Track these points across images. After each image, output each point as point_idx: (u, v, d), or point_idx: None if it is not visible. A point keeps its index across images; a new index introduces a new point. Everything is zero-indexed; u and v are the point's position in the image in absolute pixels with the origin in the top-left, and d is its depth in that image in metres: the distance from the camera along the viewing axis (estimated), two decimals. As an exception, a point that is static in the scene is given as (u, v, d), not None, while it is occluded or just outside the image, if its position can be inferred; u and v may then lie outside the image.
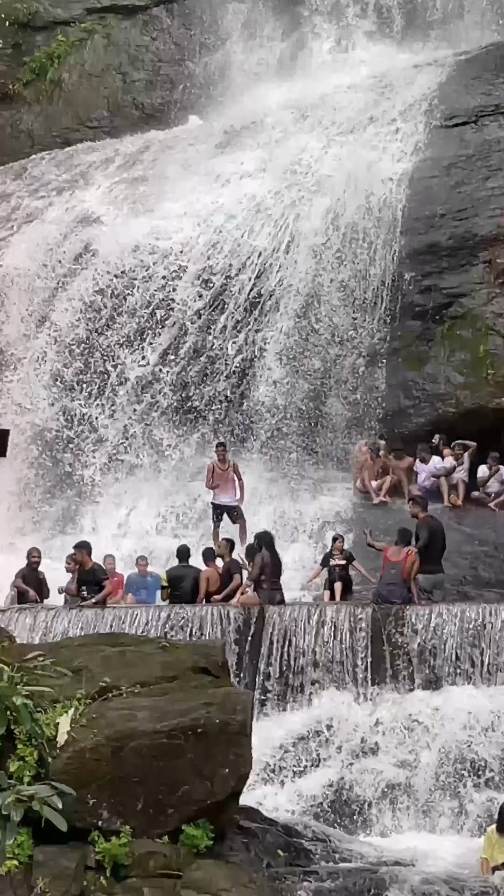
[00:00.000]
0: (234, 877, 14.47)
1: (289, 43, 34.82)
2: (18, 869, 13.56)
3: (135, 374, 26.90)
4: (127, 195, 29.50)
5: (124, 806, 14.44)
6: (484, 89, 28.74)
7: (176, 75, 35.86)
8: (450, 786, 17.88)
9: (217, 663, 16.81)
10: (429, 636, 19.62)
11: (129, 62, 36.19)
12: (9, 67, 35.72)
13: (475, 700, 18.67)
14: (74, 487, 26.43)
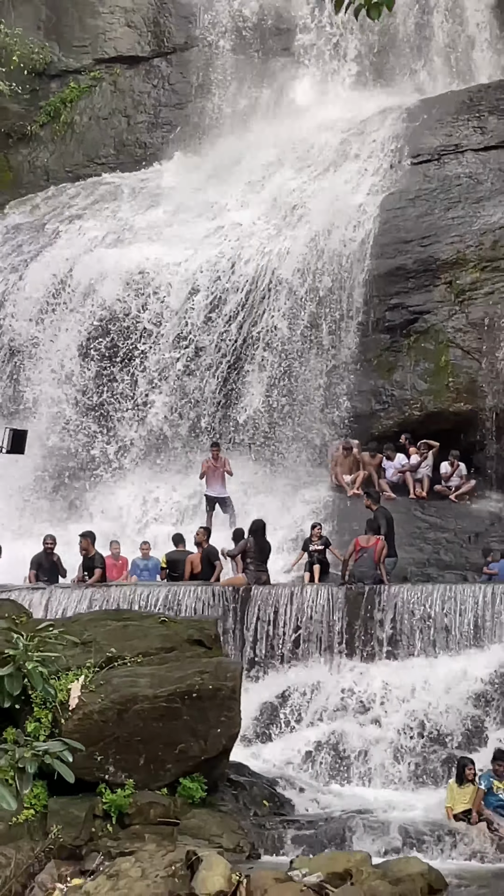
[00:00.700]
0: (225, 824, 14.53)
1: (273, 89, 34.76)
2: (35, 817, 13.62)
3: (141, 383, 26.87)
4: (129, 224, 29.43)
5: (128, 762, 14.53)
6: (445, 131, 28.78)
7: (174, 117, 35.80)
8: (415, 744, 17.91)
9: (210, 636, 16.88)
10: (396, 613, 19.67)
11: (133, 106, 36.14)
12: (27, 111, 35.66)
13: (436, 669, 18.73)
14: (85, 481, 26.38)
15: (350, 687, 18.82)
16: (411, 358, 25.76)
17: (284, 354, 26.34)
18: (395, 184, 27.68)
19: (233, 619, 20.02)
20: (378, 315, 26.00)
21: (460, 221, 26.39)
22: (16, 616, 15.44)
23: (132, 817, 14.13)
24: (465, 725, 17.90)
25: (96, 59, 36.55)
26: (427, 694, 18.34)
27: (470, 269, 25.85)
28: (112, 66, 36.53)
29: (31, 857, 13.05)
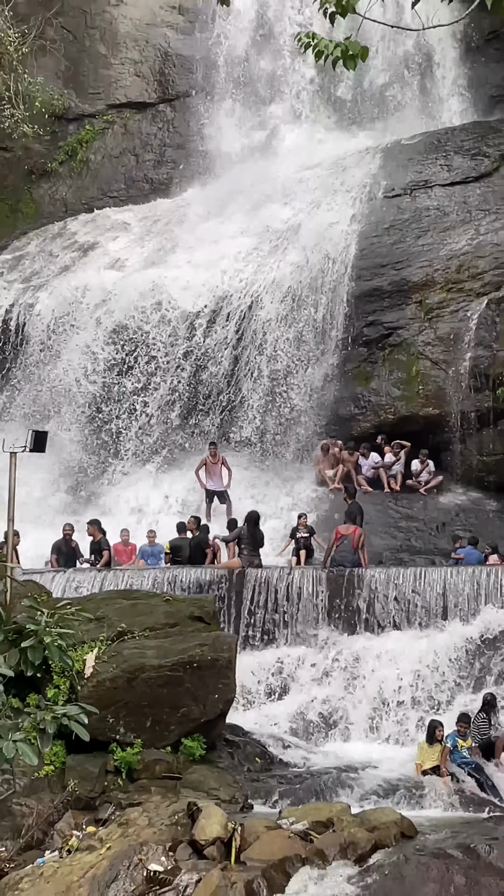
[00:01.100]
0: (222, 778, 14.58)
1: (265, 132, 34.79)
2: (54, 772, 13.68)
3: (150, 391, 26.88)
4: (133, 253, 29.41)
5: (136, 723, 14.59)
6: (416, 168, 28.76)
7: (177, 156, 35.76)
8: (389, 707, 17.96)
9: (209, 613, 16.96)
10: (372, 592, 19.71)
11: (141, 146, 36.12)
12: (48, 150, 35.65)
13: (408, 641, 18.77)
14: (100, 476, 26.37)
15: (332, 657, 18.87)
16: (386, 368, 25.76)
17: (276, 365, 26.34)
18: (372, 215, 27.65)
19: (229, 598, 20.06)
20: (357, 331, 26.02)
21: (429, 248, 26.40)
22: (38, 595, 15.45)
23: (140, 772, 14.19)
24: (434, 691, 17.96)
25: (109, 104, 36.55)
26: (400, 663, 18.38)
27: (437, 289, 25.86)
28: (122, 111, 36.53)
29: (50, 807, 13.08)
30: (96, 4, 36.92)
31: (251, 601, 20.05)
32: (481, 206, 27.12)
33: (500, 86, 33.83)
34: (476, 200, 27.34)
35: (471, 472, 25.08)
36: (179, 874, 11.24)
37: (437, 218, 27.10)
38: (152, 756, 14.41)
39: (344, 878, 10.70)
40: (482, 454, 24.92)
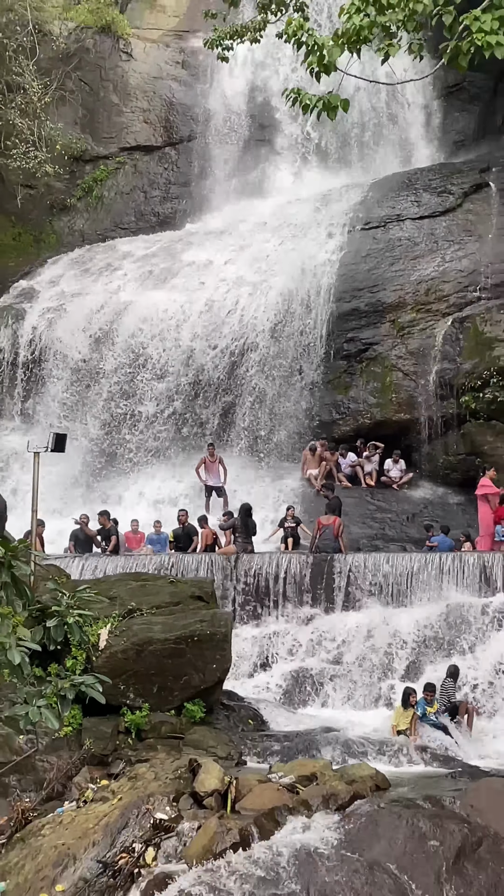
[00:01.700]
0: (219, 738, 14.61)
1: (257, 171, 34.89)
2: (72, 733, 13.68)
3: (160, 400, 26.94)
4: (145, 275, 29.45)
5: (144, 690, 14.61)
6: (389, 204, 28.84)
7: (181, 193, 35.85)
8: (366, 675, 18.00)
9: (208, 593, 16.99)
10: (351, 575, 19.75)
11: (149, 184, 36.18)
12: (67, 187, 35.70)
13: (381, 618, 18.82)
14: (114, 473, 26.41)
15: (315, 631, 18.91)
16: (363, 379, 25.84)
17: (267, 375, 26.37)
18: (351, 245, 27.71)
19: (225, 580, 20.09)
20: (337, 346, 26.10)
21: (401, 274, 26.47)
22: (59, 578, 15.45)
23: (147, 733, 14.21)
24: (406, 661, 18.00)
25: (121, 147, 36.60)
26: (376, 637, 18.43)
27: (408, 310, 25.93)
28: (133, 153, 36.59)
29: (69, 763, 13.08)
30: (110, 60, 36.96)
31: (244, 583, 20.11)
32: (447, 238, 27.19)
33: (462, 132, 33.99)
34: (442, 232, 27.40)
35: (437, 469, 25.15)
36: (182, 822, 11.27)
37: (408, 247, 27.16)
38: (158, 718, 14.44)
39: (326, 826, 10.73)
40: (447, 454, 25.00)
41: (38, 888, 10.62)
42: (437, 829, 10.40)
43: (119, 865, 10.68)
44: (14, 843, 11.49)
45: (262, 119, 35.74)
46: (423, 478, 25.15)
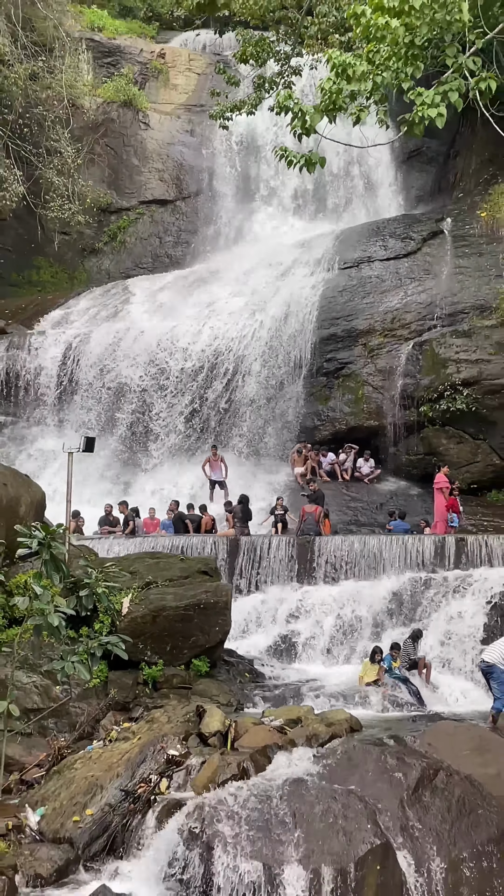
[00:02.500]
0: (220, 688, 14.66)
1: (251, 220, 35.02)
2: (99, 684, 13.73)
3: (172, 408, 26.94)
4: (158, 308, 29.47)
5: (159, 648, 14.63)
6: (362, 247, 28.88)
7: (189, 238, 35.92)
8: (342, 637, 18.00)
9: (212, 568, 17.02)
10: (329, 554, 19.79)
11: (163, 231, 36.25)
12: (96, 234, 35.78)
13: (355, 589, 18.86)
14: (135, 469, 26.40)
15: (300, 601, 18.92)
16: (340, 392, 25.85)
17: (261, 389, 26.41)
18: (330, 282, 27.73)
19: (227, 558, 20.11)
20: (318, 365, 26.09)
21: (371, 305, 26.49)
22: (89, 557, 15.49)
23: (162, 684, 14.24)
24: (373, 623, 18.02)
25: (140, 201, 36.67)
26: (350, 605, 18.43)
27: (377, 335, 25.93)
28: (150, 206, 36.65)
29: (97, 709, 13.10)
30: (131, 129, 37.02)
31: (241, 560, 20.13)
32: (409, 276, 27.22)
33: (421, 188, 34.11)
34: (405, 271, 27.43)
35: (400, 467, 25.19)
36: (190, 757, 11.28)
37: (377, 284, 27.18)
38: (170, 672, 14.48)
39: (309, 760, 10.75)
40: (409, 454, 25.04)
41: (71, 812, 10.64)
42: (400, 764, 10.42)
43: (138, 793, 10.70)
44: (52, 775, 11.52)
45: (255, 177, 35.85)
46: (389, 473, 25.17)
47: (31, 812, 10.72)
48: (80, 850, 10.23)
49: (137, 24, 41.68)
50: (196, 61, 39.03)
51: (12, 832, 10.34)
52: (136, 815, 10.49)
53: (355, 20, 12.43)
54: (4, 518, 14.22)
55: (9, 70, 32.30)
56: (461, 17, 12.04)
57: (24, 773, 11.79)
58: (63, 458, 17.73)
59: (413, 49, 12.22)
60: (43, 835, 10.45)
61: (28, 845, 10.21)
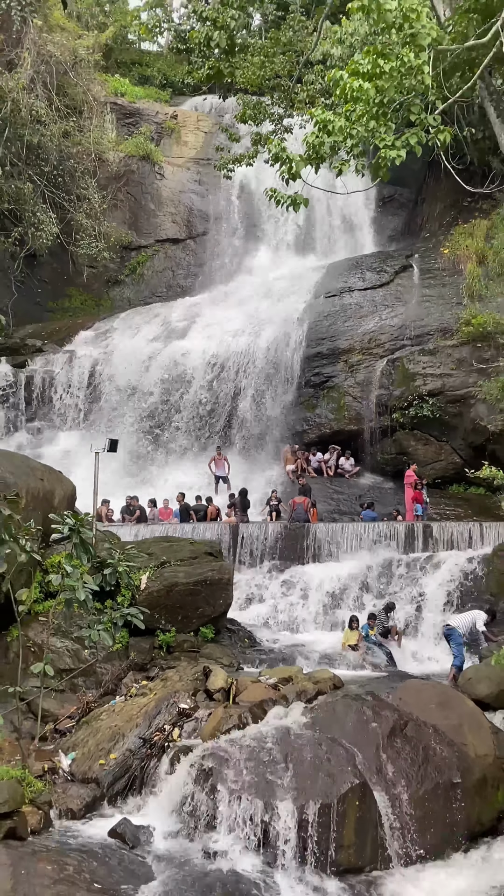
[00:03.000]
0: (224, 651, 14.66)
1: (249, 255, 34.93)
2: (121, 648, 13.69)
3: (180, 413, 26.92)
4: (170, 330, 29.45)
5: (172, 618, 14.63)
6: (343, 279, 28.87)
7: (198, 271, 35.88)
8: (326, 608, 18.02)
9: (217, 550, 16.99)
10: (316, 538, 19.80)
11: (175, 265, 36.20)
12: (118, 268, 35.70)
13: (337, 568, 18.89)
14: (150, 466, 26.37)
15: (291, 577, 18.93)
16: (325, 401, 25.82)
17: (259, 398, 26.40)
18: (317, 308, 27.70)
19: (229, 542, 20.11)
20: (307, 378, 26.05)
21: (351, 328, 26.47)
22: (112, 540, 15.48)
23: (174, 648, 14.22)
24: (353, 597, 18.04)
25: (156, 240, 36.59)
26: (333, 581, 18.45)
27: (356, 353, 25.91)
28: (164, 244, 36.58)
29: (119, 669, 13.10)
30: (148, 179, 36.97)
31: (241, 544, 20.13)
32: (383, 303, 27.21)
33: (393, 229, 34.07)
34: (380, 299, 27.42)
35: (376, 464, 25.17)
36: (198, 710, 11.29)
37: (356, 310, 27.16)
38: (181, 638, 14.46)
39: (299, 712, 10.75)
40: (383, 454, 25.02)
41: (97, 756, 10.64)
42: (376, 715, 10.42)
43: (154, 740, 10.71)
44: (81, 725, 11.52)
45: (253, 219, 35.77)
46: (366, 470, 25.17)
47: (63, 756, 10.73)
48: (104, 788, 10.24)
49: (154, 90, 41.67)
50: (203, 122, 39.01)
51: (48, 773, 10.35)
52: (152, 759, 10.50)
53: (335, 83, 12.46)
54: (41, 508, 14.22)
55: (45, 129, 32.25)
56: (424, 81, 12.09)
57: (57, 723, 11.79)
58: (90, 457, 17.70)
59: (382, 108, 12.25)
60: (73, 776, 10.45)
61: (61, 784, 10.22)
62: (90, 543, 10.89)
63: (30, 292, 34.10)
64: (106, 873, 8.48)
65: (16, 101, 30.90)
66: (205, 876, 8.59)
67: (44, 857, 8.47)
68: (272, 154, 12.97)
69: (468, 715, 10.69)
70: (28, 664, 11.78)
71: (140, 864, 8.83)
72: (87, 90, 34.81)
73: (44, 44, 32.66)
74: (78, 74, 34.33)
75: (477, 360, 24.06)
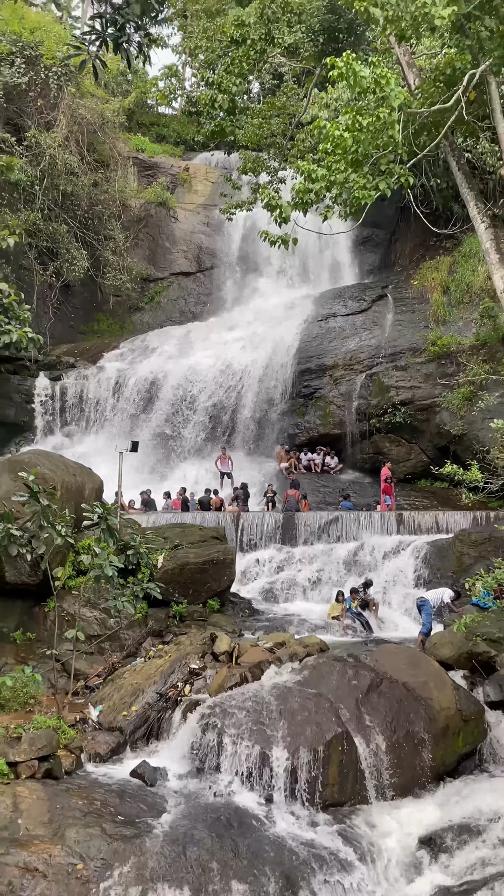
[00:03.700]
0: (228, 620, 14.62)
1: (249, 287, 34.81)
2: (141, 617, 13.63)
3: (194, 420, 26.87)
4: (181, 349, 29.36)
5: (184, 592, 14.57)
6: (328, 306, 28.82)
7: (207, 299, 35.77)
8: (315, 582, 17.99)
9: (222, 535, 16.96)
10: (305, 525, 19.76)
11: (187, 294, 36.11)
12: (138, 297, 35.60)
13: (324, 550, 18.82)
14: (165, 463, 26.33)
15: (285, 558, 18.89)
16: (313, 409, 25.81)
17: (257, 406, 26.37)
18: (306, 330, 27.66)
19: (232, 528, 20.05)
20: (298, 390, 26.04)
21: (335, 348, 26.46)
22: (134, 527, 15.45)
23: (186, 617, 14.17)
24: (338, 575, 18.01)
25: (171, 273, 36.47)
26: (321, 561, 18.39)
27: (340, 369, 25.91)
28: (178, 277, 36.47)
29: (140, 634, 13.07)
30: (164, 222, 36.87)
31: (243, 530, 20.10)
32: (362, 327, 27.18)
33: (371, 264, 33.97)
34: (360, 323, 27.39)
35: (357, 462, 25.16)
36: (206, 670, 11.27)
37: (340, 332, 27.13)
38: (192, 609, 14.40)
39: (291, 671, 10.74)
40: (362, 453, 25.01)
41: (121, 709, 10.62)
42: (356, 674, 10.42)
43: (169, 695, 10.70)
44: (107, 682, 11.50)
45: (252, 256, 35.66)
46: (348, 467, 25.16)
47: (92, 709, 10.72)
48: (127, 736, 10.23)
49: (169, 147, 41.63)
50: (211, 173, 38.96)
51: (79, 723, 10.34)
52: (167, 711, 10.50)
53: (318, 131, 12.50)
54: (74, 499, 14.21)
55: (78, 180, 32.28)
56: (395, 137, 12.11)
57: (87, 681, 11.78)
58: (115, 456, 17.69)
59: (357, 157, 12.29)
60: (101, 725, 10.44)
61: (90, 732, 10.21)
62: (115, 529, 10.89)
63: (64, 317, 34.06)
64: (128, 807, 8.49)
65: (53, 156, 30.93)
66: (211, 809, 8.59)
67: (75, 793, 8.47)
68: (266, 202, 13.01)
69: (433, 674, 10.70)
70: (63, 631, 11.78)
71: (156, 800, 8.83)
72: (112, 147, 34.84)
73: (76, 108, 32.69)
74: (105, 133, 34.36)
75: (441, 375, 24.07)
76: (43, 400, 27.95)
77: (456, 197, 24.85)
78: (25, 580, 12.70)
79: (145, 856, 7.61)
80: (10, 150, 30.15)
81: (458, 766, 10.12)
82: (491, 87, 14.33)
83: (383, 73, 11.90)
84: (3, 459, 14.68)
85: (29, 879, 7.15)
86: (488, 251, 14.18)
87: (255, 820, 8.52)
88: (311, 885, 7.77)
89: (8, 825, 7.72)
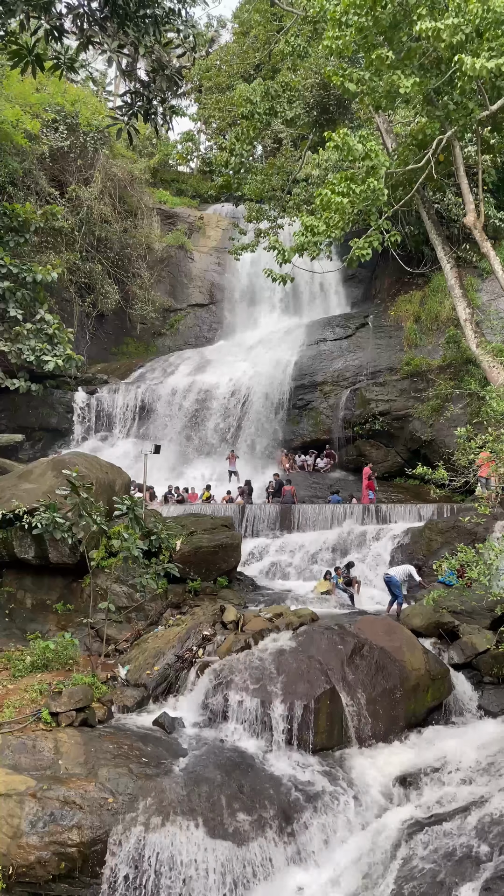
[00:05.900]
0: (234, 594, 14.57)
1: (252, 319, 34.80)
2: (162, 591, 13.59)
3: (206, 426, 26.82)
4: (195, 368, 29.36)
5: (199, 571, 14.53)
6: (319, 332, 28.77)
7: (218, 326, 35.74)
8: (308, 563, 17.90)
9: (230, 523, 16.85)
10: (301, 514, 19.70)
11: (202, 322, 36.10)
12: (161, 324, 35.61)
13: (315, 536, 18.72)
14: (185, 464, 26.26)
15: (282, 543, 18.83)
16: (306, 419, 25.76)
17: (259, 416, 26.33)
18: (301, 353, 27.60)
19: (239, 517, 20.00)
20: (293, 403, 25.98)
21: (325, 367, 26.39)
22: (156, 516, 15.45)
23: (199, 592, 14.13)
24: (328, 557, 17.96)
25: (188, 304, 36.45)
26: (312, 545, 18.29)
27: (329, 385, 25.85)
28: (194, 308, 36.45)
29: (161, 606, 13.07)
30: (183, 262, 36.89)
31: (248, 519, 20.06)
32: (348, 350, 27.11)
33: (355, 297, 33.85)
34: (345, 347, 27.31)
35: (343, 463, 25.05)
36: (216, 636, 11.26)
37: (329, 354, 27.05)
38: (205, 585, 14.38)
39: (287, 638, 10.72)
40: (347, 456, 24.92)
41: (145, 668, 10.62)
42: (341, 640, 10.41)
43: (185, 657, 10.70)
44: (134, 646, 11.50)
45: (256, 290, 35.66)
46: (336, 467, 25.10)
47: (121, 668, 10.73)
48: (150, 691, 10.24)
49: (187, 199, 41.71)
50: (221, 221, 39.01)
51: (110, 680, 10.35)
52: (183, 670, 10.50)
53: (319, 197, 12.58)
54: (106, 493, 14.24)
55: (110, 227, 32.45)
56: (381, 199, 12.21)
57: (117, 645, 11.79)
58: (141, 457, 17.70)
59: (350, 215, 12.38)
60: (128, 682, 10.45)
61: (119, 688, 10.23)
62: (141, 518, 10.93)
63: (99, 341, 34.12)
64: (150, 750, 8.50)
65: (90, 207, 31.12)
66: (220, 753, 8.59)
67: (107, 738, 8.49)
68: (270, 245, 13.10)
69: (407, 640, 10.69)
70: (96, 603, 11.81)
71: (174, 745, 8.84)
72: (139, 199, 34.96)
73: (110, 167, 32.86)
74: (133, 188, 34.51)
75: (413, 390, 24.03)
76: (81, 410, 28.04)
77: (426, 241, 24.86)
78: (66, 560, 12.74)
79: (165, 791, 7.63)
80: (53, 201, 30.29)
81: (427, 717, 10.10)
82: (456, 149, 14.41)
83: (372, 147, 12.03)
84: (48, 460, 14.72)
85: (68, 811, 7.19)
86: (453, 287, 14.22)
87: (257, 761, 8.53)
88: (303, 815, 7.78)
89: (50, 765, 7.75)
